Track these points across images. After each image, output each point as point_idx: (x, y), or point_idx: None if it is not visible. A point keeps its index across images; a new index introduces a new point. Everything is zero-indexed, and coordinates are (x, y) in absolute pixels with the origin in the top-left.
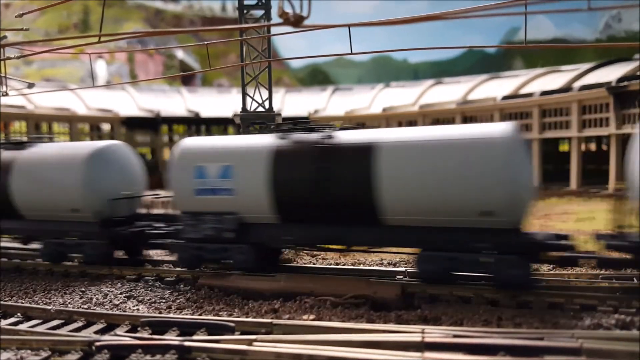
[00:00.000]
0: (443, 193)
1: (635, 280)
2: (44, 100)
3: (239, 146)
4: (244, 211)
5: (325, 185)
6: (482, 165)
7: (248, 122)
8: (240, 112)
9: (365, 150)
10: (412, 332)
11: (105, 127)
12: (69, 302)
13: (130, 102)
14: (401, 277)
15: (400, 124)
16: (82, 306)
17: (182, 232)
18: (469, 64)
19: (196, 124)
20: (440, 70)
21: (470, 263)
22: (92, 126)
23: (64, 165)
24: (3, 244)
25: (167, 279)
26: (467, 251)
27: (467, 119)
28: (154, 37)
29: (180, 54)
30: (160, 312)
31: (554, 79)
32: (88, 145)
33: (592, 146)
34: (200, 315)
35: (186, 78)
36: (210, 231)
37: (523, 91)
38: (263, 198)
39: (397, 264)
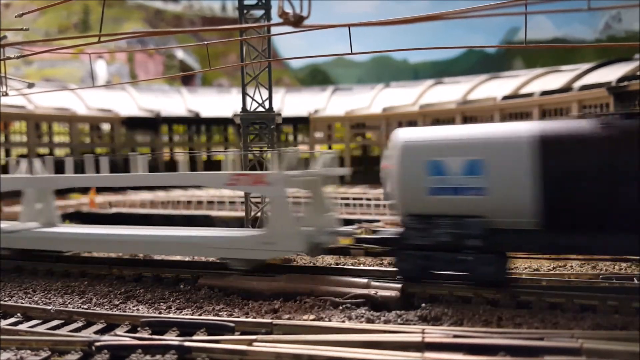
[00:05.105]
0: None
1: (636, 280)
2: (44, 100)
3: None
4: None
5: None
6: None
7: (248, 122)
8: (240, 112)
9: None
10: (412, 332)
11: (105, 127)
12: (69, 302)
13: (130, 102)
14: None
15: (400, 124)
16: (82, 306)
17: None
18: (469, 64)
19: (196, 124)
20: (440, 70)
21: None
22: (92, 126)
23: None
24: None
25: None
26: None
27: (467, 119)
28: (154, 37)
29: (180, 54)
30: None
31: (554, 79)
32: None
33: None
34: (200, 315)
35: (186, 78)
36: None
37: (523, 91)
38: None
39: None
